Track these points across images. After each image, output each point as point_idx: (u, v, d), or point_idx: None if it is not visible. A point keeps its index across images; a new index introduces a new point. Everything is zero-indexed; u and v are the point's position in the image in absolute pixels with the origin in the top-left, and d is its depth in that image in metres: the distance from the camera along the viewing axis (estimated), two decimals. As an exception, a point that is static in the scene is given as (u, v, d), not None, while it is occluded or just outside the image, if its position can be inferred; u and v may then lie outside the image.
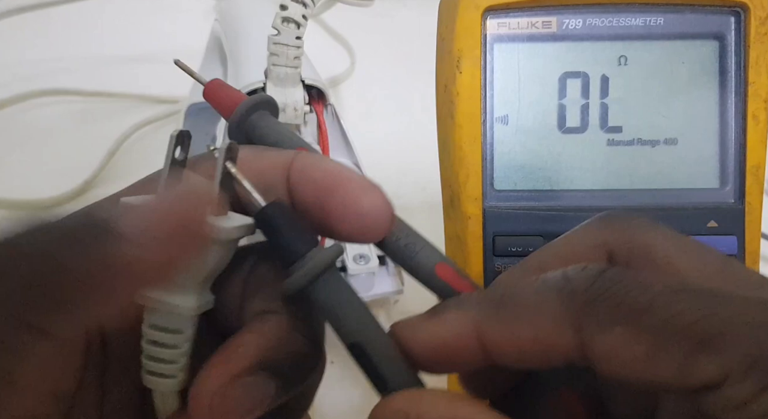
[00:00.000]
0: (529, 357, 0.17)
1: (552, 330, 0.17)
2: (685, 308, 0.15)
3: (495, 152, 0.28)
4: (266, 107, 0.22)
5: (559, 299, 0.17)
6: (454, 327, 0.18)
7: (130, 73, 0.72)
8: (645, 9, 0.28)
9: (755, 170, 0.28)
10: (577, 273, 0.17)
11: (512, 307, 0.18)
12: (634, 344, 0.16)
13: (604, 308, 0.16)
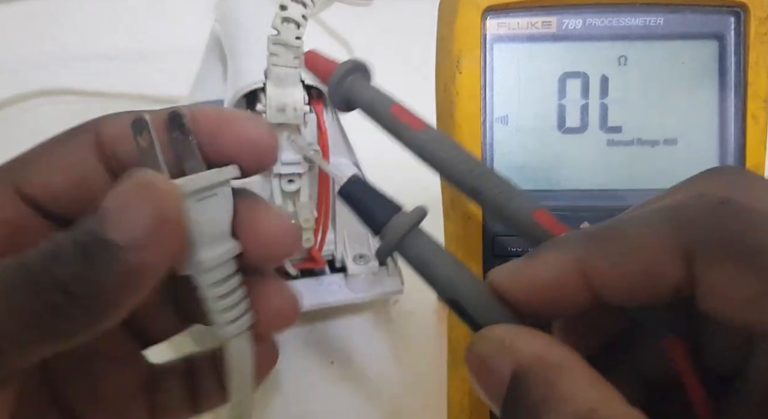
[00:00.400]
0: (638, 291, 0.17)
1: (663, 261, 0.16)
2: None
3: (495, 152, 0.28)
4: (360, 70, 0.23)
5: (671, 228, 0.16)
6: (556, 267, 0.18)
7: (130, 73, 0.72)
8: (645, 9, 0.28)
9: (755, 169, 0.28)
10: (694, 202, 0.16)
11: (619, 240, 0.17)
12: (744, 283, 0.15)
13: (719, 242, 0.15)
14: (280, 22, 0.31)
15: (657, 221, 0.16)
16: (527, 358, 0.16)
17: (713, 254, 0.15)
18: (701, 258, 0.16)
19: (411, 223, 0.20)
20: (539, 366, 0.16)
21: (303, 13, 0.31)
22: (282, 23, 0.31)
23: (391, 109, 0.22)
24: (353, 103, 0.23)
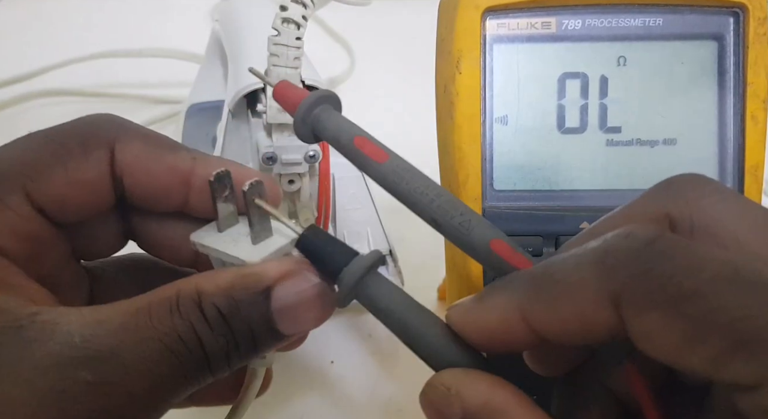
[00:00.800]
0: (574, 335, 0.17)
1: (592, 307, 0.16)
2: (730, 303, 0.15)
3: (494, 153, 0.28)
4: (328, 101, 0.23)
5: (597, 275, 0.16)
6: (500, 311, 0.18)
7: (130, 73, 0.72)
8: (644, 10, 0.28)
9: (754, 170, 0.28)
10: (619, 243, 0.16)
11: (552, 285, 0.17)
12: (670, 331, 0.15)
13: (643, 289, 0.15)
14: (281, 23, 0.31)
15: (585, 265, 0.17)
16: (473, 404, 0.18)
17: (639, 301, 0.16)
18: (628, 305, 0.16)
19: (367, 266, 0.20)
20: (484, 412, 0.18)
21: (303, 13, 0.31)
22: (282, 24, 0.31)
23: (354, 141, 0.22)
24: (319, 133, 0.23)
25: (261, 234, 0.22)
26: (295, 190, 0.36)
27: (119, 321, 0.18)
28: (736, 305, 0.15)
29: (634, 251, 0.16)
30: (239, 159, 0.38)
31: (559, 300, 0.17)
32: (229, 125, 0.37)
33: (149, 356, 0.18)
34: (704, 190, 0.19)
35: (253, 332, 0.19)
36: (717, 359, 0.15)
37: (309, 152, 0.35)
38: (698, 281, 0.15)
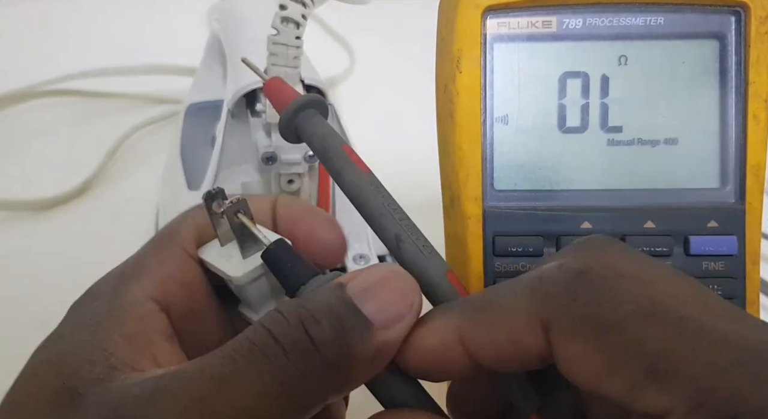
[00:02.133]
0: (508, 357, 0.18)
1: (524, 331, 0.17)
2: (648, 335, 0.16)
3: (495, 152, 0.28)
4: (315, 106, 0.23)
5: (530, 300, 0.17)
6: (439, 333, 0.19)
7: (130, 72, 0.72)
8: (645, 9, 0.28)
9: (756, 169, 0.28)
10: (552, 273, 0.17)
11: (489, 309, 0.18)
12: (592, 358, 0.16)
13: (572, 316, 0.16)
14: (280, 22, 0.31)
15: (520, 292, 0.18)
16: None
17: (566, 328, 0.16)
18: (556, 330, 0.17)
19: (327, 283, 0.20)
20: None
21: (303, 12, 0.31)
22: (282, 23, 0.31)
23: (343, 146, 0.23)
24: (302, 132, 0.23)
25: (250, 249, 0.22)
26: (295, 190, 0.36)
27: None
28: (653, 337, 0.15)
29: (565, 280, 0.17)
30: (238, 159, 0.38)
31: (495, 324, 0.18)
32: (229, 125, 0.37)
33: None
34: (612, 248, 0.20)
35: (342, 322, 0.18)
36: (632, 388, 0.15)
37: (308, 151, 0.35)
38: (620, 313, 0.16)
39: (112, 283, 0.21)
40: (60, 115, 0.66)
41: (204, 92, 0.52)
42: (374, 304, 0.18)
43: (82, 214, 0.54)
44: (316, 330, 0.18)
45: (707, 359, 0.15)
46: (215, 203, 0.22)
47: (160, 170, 0.55)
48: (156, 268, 0.22)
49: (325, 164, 0.23)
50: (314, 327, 0.18)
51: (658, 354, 0.15)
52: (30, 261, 0.49)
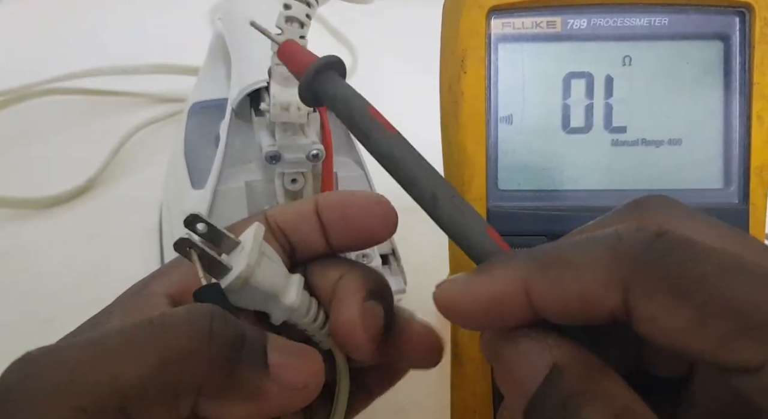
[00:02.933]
0: (573, 314, 0.18)
1: (598, 289, 0.17)
2: (735, 289, 0.15)
3: (499, 152, 0.28)
4: (334, 67, 0.23)
5: (608, 259, 0.17)
6: (502, 282, 0.18)
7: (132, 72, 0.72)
8: (650, 9, 0.28)
9: (759, 170, 0.28)
10: (632, 234, 0.17)
11: (560, 264, 0.18)
12: (676, 315, 0.16)
13: (653, 275, 0.16)
14: (284, 22, 0.31)
15: (596, 250, 0.17)
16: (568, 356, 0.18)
17: (648, 287, 0.16)
18: (636, 290, 0.16)
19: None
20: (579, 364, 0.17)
21: (307, 12, 0.31)
22: (286, 23, 0.31)
23: (368, 108, 0.22)
24: (323, 95, 0.23)
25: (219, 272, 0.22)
26: (298, 189, 0.36)
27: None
28: (741, 291, 0.15)
29: (645, 241, 0.17)
30: (242, 157, 0.38)
31: (568, 278, 0.17)
32: (232, 124, 0.37)
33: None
34: (672, 209, 0.20)
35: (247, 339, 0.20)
36: (722, 342, 0.15)
37: (312, 151, 0.35)
38: (705, 269, 0.16)
39: (143, 280, 0.23)
40: (64, 113, 0.66)
41: (208, 91, 0.52)
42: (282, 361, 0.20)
43: (86, 212, 0.54)
44: (220, 326, 0.19)
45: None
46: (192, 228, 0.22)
47: (163, 168, 0.55)
48: (183, 271, 0.23)
49: (351, 128, 0.22)
50: (220, 324, 0.19)
51: (749, 307, 0.15)
52: (33, 259, 0.49)
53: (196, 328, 0.19)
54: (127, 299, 0.22)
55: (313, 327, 0.24)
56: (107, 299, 0.47)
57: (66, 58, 0.71)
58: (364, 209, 0.23)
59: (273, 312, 0.23)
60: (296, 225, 0.24)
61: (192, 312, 0.19)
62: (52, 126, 0.64)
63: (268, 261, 0.23)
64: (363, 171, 0.39)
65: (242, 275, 0.21)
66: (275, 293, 0.23)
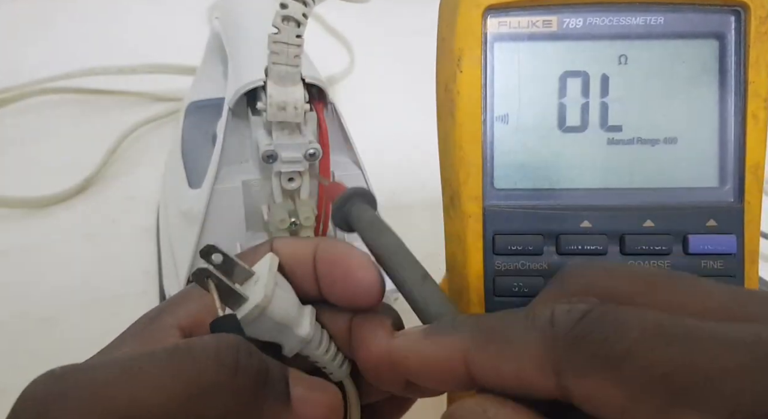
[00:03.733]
0: (512, 390, 0.18)
1: (533, 370, 0.17)
2: (661, 356, 0.15)
3: (495, 151, 0.28)
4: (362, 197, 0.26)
5: (542, 341, 0.17)
6: (446, 350, 0.19)
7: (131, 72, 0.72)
8: (645, 8, 0.28)
9: (755, 169, 0.28)
10: (562, 315, 0.18)
11: (499, 342, 0.18)
12: (611, 394, 0.16)
13: (582, 355, 0.16)
14: (281, 21, 0.31)
15: (531, 332, 0.18)
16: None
17: (579, 369, 0.16)
18: (569, 372, 0.17)
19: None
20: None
21: (304, 11, 0.31)
22: (282, 22, 0.31)
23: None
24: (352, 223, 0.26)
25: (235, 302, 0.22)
26: (295, 188, 0.36)
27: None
28: (667, 357, 0.15)
29: (573, 321, 0.17)
30: (239, 157, 0.38)
31: (505, 357, 0.18)
32: (229, 123, 0.37)
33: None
34: (593, 273, 0.20)
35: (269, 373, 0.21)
36: (659, 414, 0.15)
37: (309, 150, 0.35)
38: (628, 343, 0.16)
39: (154, 311, 0.23)
40: (61, 113, 0.66)
41: (205, 90, 0.52)
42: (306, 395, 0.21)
43: (83, 211, 0.54)
44: (246, 358, 0.19)
45: (725, 365, 0.15)
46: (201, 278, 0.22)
47: (161, 168, 0.55)
48: (195, 300, 0.23)
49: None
50: (246, 356, 0.19)
51: (676, 374, 0.15)
52: (31, 259, 0.49)
53: (224, 360, 0.19)
54: (139, 330, 0.22)
55: (325, 359, 0.24)
56: (105, 299, 0.47)
57: (63, 58, 0.71)
58: (351, 275, 0.23)
59: (286, 343, 0.23)
60: (294, 267, 0.24)
61: (220, 343, 0.19)
62: (49, 125, 0.64)
63: (281, 292, 0.23)
64: (360, 170, 0.39)
65: (260, 305, 0.22)
66: (289, 324, 0.23)
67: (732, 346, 0.15)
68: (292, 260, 0.24)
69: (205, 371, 0.18)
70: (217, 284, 0.22)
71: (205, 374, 0.18)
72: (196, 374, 0.18)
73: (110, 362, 0.18)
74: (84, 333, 0.42)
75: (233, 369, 0.19)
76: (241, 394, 0.19)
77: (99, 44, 0.81)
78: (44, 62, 0.71)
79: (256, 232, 0.38)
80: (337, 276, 0.23)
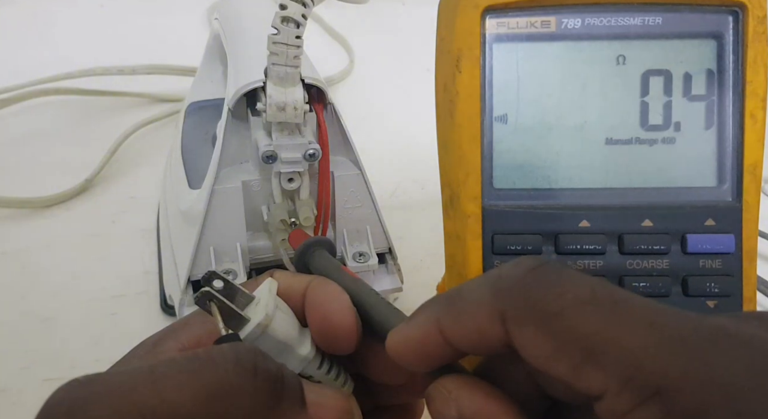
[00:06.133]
0: (477, 345, 0.20)
1: (486, 321, 0.19)
2: (585, 320, 0.17)
3: (494, 151, 0.28)
4: (323, 245, 0.28)
5: (491, 295, 0.19)
6: (421, 326, 0.21)
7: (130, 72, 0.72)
8: (643, 9, 0.28)
9: (752, 168, 0.28)
10: (510, 270, 0.20)
11: (459, 302, 0.20)
12: (541, 343, 0.18)
13: (522, 308, 0.18)
14: (280, 22, 0.31)
15: (483, 287, 0.20)
16: (467, 411, 0.20)
17: (519, 318, 0.18)
18: (510, 321, 0.19)
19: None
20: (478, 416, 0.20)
21: (303, 12, 0.31)
22: (282, 23, 0.31)
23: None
24: (312, 269, 0.28)
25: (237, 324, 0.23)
26: (295, 188, 0.36)
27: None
28: (588, 323, 0.17)
29: (519, 276, 0.19)
30: (239, 157, 0.38)
31: (463, 315, 0.20)
32: (229, 124, 0.37)
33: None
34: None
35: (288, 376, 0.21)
36: (573, 369, 0.17)
37: (309, 150, 0.35)
38: (562, 302, 0.18)
39: (156, 336, 0.24)
40: (62, 113, 0.67)
41: (204, 91, 0.52)
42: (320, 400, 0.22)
43: (84, 212, 0.54)
44: (264, 363, 0.20)
45: (635, 340, 0.17)
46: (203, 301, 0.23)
47: (161, 168, 0.55)
48: (197, 326, 0.24)
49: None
50: (263, 361, 0.20)
51: (593, 338, 0.17)
52: (31, 259, 0.49)
53: (243, 363, 0.19)
54: (143, 353, 0.23)
55: (327, 379, 0.25)
56: (105, 299, 0.47)
57: (63, 59, 0.71)
58: (327, 321, 0.24)
59: (288, 363, 0.23)
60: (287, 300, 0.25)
61: (238, 348, 0.20)
62: (50, 126, 0.64)
63: (281, 314, 0.24)
64: (359, 170, 0.39)
65: (262, 324, 0.22)
66: (290, 344, 0.23)
67: (645, 326, 0.17)
68: (285, 294, 0.25)
69: (226, 374, 0.19)
70: (219, 307, 0.22)
71: (226, 377, 0.19)
72: (217, 377, 0.19)
73: (132, 369, 0.19)
74: (84, 333, 0.42)
75: (252, 372, 0.19)
76: (260, 396, 0.19)
77: (99, 45, 0.81)
78: (45, 63, 0.71)
79: (255, 232, 0.38)
80: (316, 320, 0.24)
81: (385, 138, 0.63)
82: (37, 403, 0.18)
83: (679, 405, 0.16)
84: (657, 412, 0.16)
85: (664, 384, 0.16)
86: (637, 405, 0.16)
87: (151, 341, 0.24)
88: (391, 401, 0.27)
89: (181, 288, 0.37)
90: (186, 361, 0.19)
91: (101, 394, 0.18)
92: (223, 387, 0.19)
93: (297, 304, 0.25)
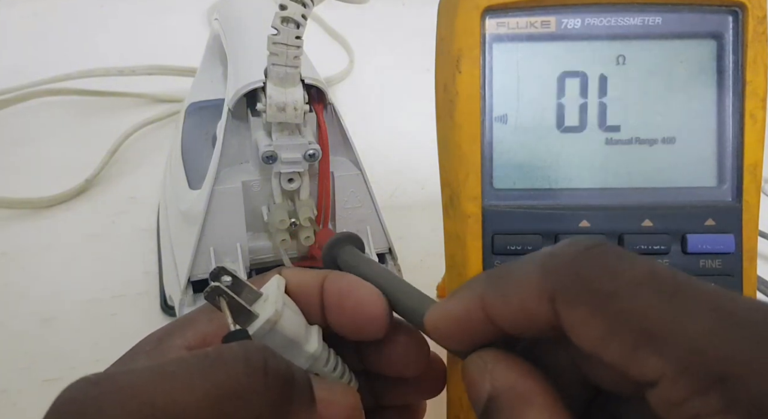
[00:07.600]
0: (522, 324, 0.19)
1: (533, 300, 0.19)
2: (643, 302, 0.17)
3: (494, 151, 0.28)
4: (350, 241, 0.28)
5: (541, 273, 0.19)
6: (464, 303, 0.21)
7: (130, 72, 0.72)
8: (643, 9, 0.28)
9: (752, 168, 0.28)
10: (563, 249, 0.19)
11: (506, 280, 0.20)
12: (593, 324, 0.17)
13: (574, 288, 0.18)
14: (280, 22, 0.31)
15: (532, 266, 0.19)
16: (501, 385, 0.20)
17: (570, 298, 0.18)
18: (560, 300, 0.18)
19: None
20: (510, 394, 0.19)
21: (303, 12, 0.31)
22: (282, 23, 0.31)
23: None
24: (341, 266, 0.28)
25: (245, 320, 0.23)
26: (295, 188, 0.36)
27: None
28: (646, 305, 0.17)
29: (572, 255, 0.19)
30: (239, 158, 0.38)
31: (509, 293, 0.19)
32: (229, 124, 0.37)
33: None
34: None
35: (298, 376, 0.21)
36: (627, 352, 0.17)
37: (309, 150, 0.35)
38: (618, 283, 0.17)
39: (162, 331, 0.24)
40: (61, 114, 0.67)
41: (204, 92, 0.52)
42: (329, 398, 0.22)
43: (84, 212, 0.54)
44: (273, 361, 0.20)
45: (697, 324, 0.16)
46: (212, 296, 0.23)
47: (160, 169, 0.55)
48: (203, 323, 0.24)
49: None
50: (272, 359, 0.20)
51: (651, 320, 0.16)
52: (31, 259, 0.49)
53: (253, 362, 0.19)
54: (148, 349, 0.23)
55: (333, 376, 0.25)
56: (105, 299, 0.47)
57: (64, 59, 0.71)
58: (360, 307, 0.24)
59: (296, 361, 0.23)
60: (298, 296, 0.25)
61: (248, 348, 0.20)
62: (50, 127, 0.64)
63: (289, 311, 0.24)
64: (359, 170, 0.39)
65: (271, 320, 0.22)
66: (298, 341, 0.23)
67: (709, 309, 0.16)
68: (298, 289, 0.25)
69: (236, 373, 0.19)
70: (228, 302, 0.22)
71: (236, 376, 0.19)
72: (227, 376, 0.18)
73: (142, 368, 0.19)
74: (84, 333, 0.42)
75: (262, 371, 0.19)
76: (270, 395, 0.19)
77: (99, 45, 0.81)
78: (45, 64, 0.71)
79: (256, 232, 0.39)
80: (347, 308, 0.24)
81: (385, 138, 0.63)
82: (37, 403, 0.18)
83: (745, 394, 0.15)
84: (718, 401, 0.15)
85: (729, 372, 0.15)
86: (696, 393, 0.15)
87: (156, 336, 0.23)
88: (394, 401, 0.27)
89: (181, 289, 0.37)
90: (196, 361, 0.19)
91: (112, 394, 0.18)
92: (234, 387, 0.18)
93: (312, 299, 0.25)
